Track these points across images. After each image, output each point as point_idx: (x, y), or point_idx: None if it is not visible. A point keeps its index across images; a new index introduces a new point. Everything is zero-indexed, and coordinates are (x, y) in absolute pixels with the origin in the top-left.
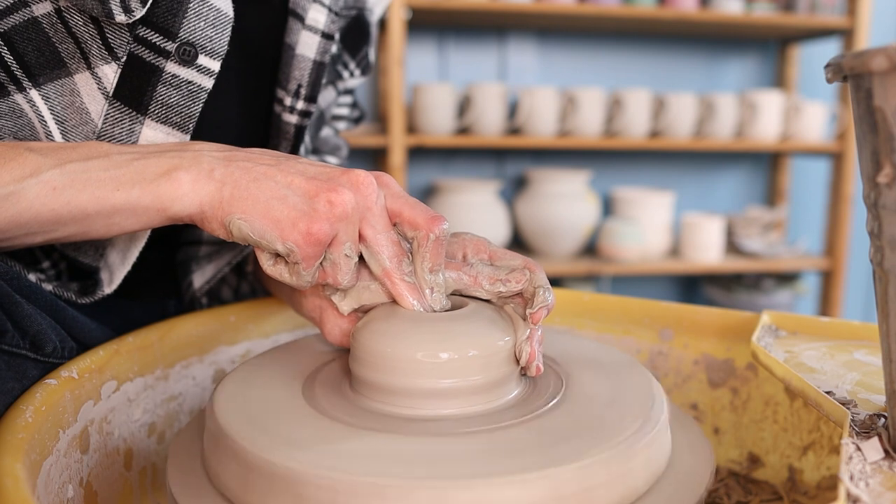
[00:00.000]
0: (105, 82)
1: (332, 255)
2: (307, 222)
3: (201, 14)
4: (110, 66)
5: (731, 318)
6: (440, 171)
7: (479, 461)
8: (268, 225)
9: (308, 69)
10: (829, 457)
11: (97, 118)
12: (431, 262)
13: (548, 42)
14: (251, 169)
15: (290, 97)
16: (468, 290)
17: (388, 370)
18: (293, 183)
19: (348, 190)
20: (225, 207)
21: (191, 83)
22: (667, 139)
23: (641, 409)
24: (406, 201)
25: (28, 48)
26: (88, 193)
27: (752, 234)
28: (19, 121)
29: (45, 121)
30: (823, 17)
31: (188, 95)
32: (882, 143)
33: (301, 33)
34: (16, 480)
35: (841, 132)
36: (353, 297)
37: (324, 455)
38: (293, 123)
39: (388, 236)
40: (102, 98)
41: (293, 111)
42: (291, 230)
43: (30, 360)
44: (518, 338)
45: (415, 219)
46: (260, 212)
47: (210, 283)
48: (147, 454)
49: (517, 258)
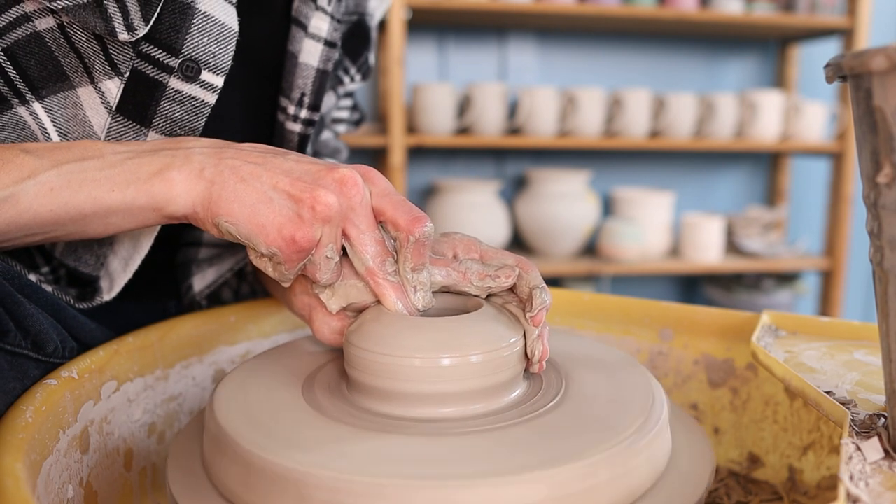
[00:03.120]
0: (108, 97)
1: (313, 257)
2: (291, 229)
3: (204, 30)
4: (113, 81)
5: (731, 318)
6: (440, 171)
7: (481, 461)
8: (253, 229)
9: (311, 77)
10: (829, 457)
11: (100, 131)
12: (413, 262)
13: (548, 42)
14: (239, 168)
15: (294, 105)
16: (458, 286)
17: (385, 376)
18: (279, 185)
19: (331, 192)
20: (213, 208)
21: (194, 98)
22: (667, 139)
23: (642, 408)
24: (391, 200)
25: (31, 62)
26: (85, 194)
27: (752, 234)
28: (22, 132)
29: (48, 133)
30: (823, 17)
31: (191, 111)
32: (882, 143)
33: (304, 41)
34: (16, 480)
35: (841, 132)
36: (342, 296)
37: (325, 456)
38: (297, 132)
39: (372, 236)
40: (105, 112)
41: (296, 119)
42: (276, 237)
43: (31, 359)
44: (529, 337)
45: (396, 220)
46: (246, 216)
47: (211, 288)
48: (147, 454)
49: (509, 257)
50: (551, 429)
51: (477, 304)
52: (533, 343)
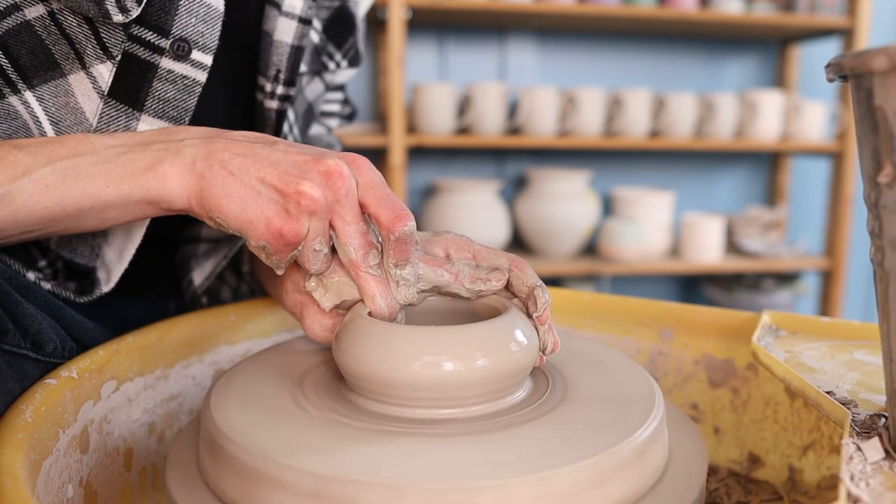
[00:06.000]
0: (100, 81)
1: (303, 248)
2: (279, 223)
3: (192, 10)
4: (105, 64)
5: (731, 318)
6: (440, 171)
7: (485, 462)
8: (242, 225)
9: (286, 54)
10: (830, 457)
11: (92, 117)
12: (396, 258)
13: (548, 42)
14: (228, 162)
15: (270, 83)
16: (449, 287)
17: (380, 385)
18: (266, 178)
19: (317, 185)
20: (205, 203)
21: (185, 77)
22: (667, 139)
23: (641, 408)
24: (374, 195)
25: (22, 51)
26: (80, 190)
27: (752, 234)
28: (14, 123)
29: (41, 122)
30: (823, 16)
31: (184, 90)
32: (883, 142)
33: (278, 20)
34: (15, 480)
35: (841, 132)
36: (334, 293)
37: (325, 457)
38: (274, 108)
39: (357, 227)
40: (97, 97)
41: (273, 96)
42: (264, 231)
43: (31, 359)
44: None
45: (379, 216)
46: (235, 212)
47: (210, 279)
48: (147, 454)
49: (501, 256)
50: (553, 428)
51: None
52: (545, 335)
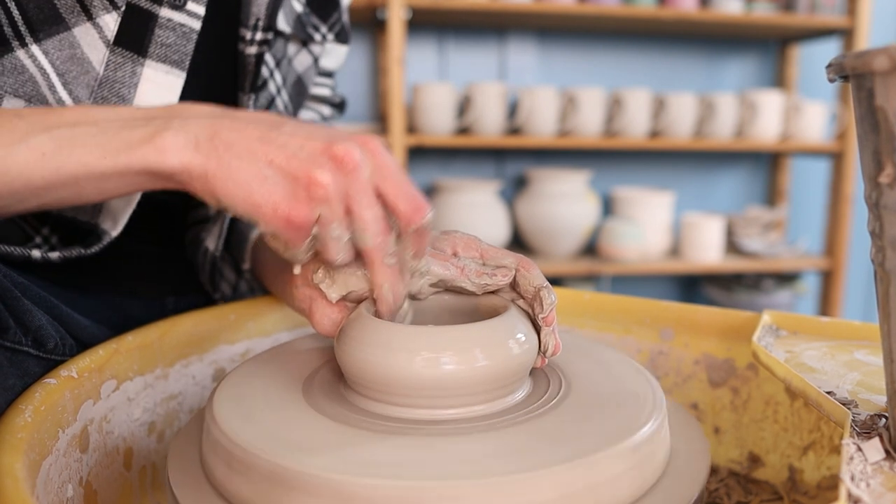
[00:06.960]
0: (106, 31)
1: (321, 234)
2: (286, 208)
3: None
4: (111, 14)
5: (731, 318)
6: (440, 171)
7: (488, 461)
8: (249, 209)
9: (265, 4)
10: (830, 457)
11: (98, 66)
12: (415, 248)
13: (548, 42)
14: (234, 144)
15: (250, 31)
16: (455, 281)
17: (381, 384)
18: (274, 161)
19: (328, 171)
20: (209, 186)
21: (183, 25)
22: (667, 139)
23: (642, 407)
24: (391, 183)
25: (30, 4)
26: (76, 160)
27: (752, 234)
28: (21, 77)
29: (48, 74)
30: (823, 16)
31: (182, 36)
32: (884, 143)
33: None
34: (15, 480)
35: (841, 132)
36: (341, 284)
37: (327, 458)
38: (252, 54)
39: (372, 212)
40: (104, 46)
41: (252, 42)
42: (273, 216)
43: (32, 356)
44: (542, 331)
45: (396, 207)
46: (242, 195)
47: (220, 240)
48: (147, 453)
49: (508, 256)
50: (554, 428)
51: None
52: (546, 337)
